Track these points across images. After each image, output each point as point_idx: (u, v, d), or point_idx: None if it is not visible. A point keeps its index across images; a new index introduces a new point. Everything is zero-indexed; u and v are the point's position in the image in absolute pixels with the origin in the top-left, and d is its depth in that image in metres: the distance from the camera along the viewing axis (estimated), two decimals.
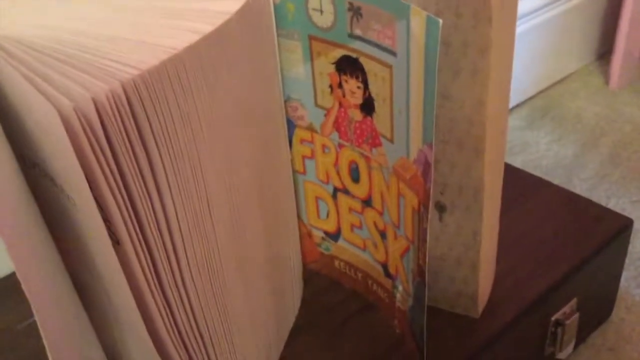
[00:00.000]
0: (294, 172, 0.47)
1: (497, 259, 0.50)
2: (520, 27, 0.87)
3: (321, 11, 0.38)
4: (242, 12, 0.33)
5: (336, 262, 0.50)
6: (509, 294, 0.48)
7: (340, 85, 0.40)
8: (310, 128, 0.44)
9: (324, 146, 0.44)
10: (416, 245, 0.39)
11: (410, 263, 0.40)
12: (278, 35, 0.41)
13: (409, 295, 0.42)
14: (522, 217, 0.55)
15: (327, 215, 0.48)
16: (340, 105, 0.41)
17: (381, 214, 0.43)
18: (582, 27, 0.97)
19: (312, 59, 0.41)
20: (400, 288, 0.43)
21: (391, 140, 0.39)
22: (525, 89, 0.94)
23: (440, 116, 0.38)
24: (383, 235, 0.44)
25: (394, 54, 0.35)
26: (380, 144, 0.40)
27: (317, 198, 0.47)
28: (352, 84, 0.40)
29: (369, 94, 0.39)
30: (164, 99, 0.29)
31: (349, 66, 0.39)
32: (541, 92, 0.96)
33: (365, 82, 0.39)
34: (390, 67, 0.36)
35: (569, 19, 0.93)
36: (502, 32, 0.35)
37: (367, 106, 0.40)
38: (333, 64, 0.40)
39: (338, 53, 0.39)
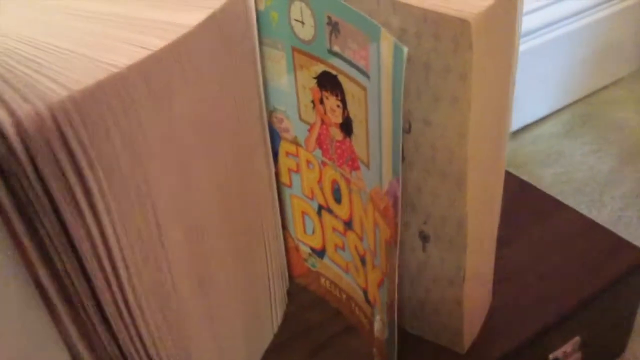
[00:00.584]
0: (281, 184, 0.45)
1: (495, 291, 0.47)
2: (562, 30, 0.82)
3: (302, 23, 0.36)
4: (205, 24, 0.31)
5: (322, 279, 0.48)
6: (502, 330, 0.45)
7: (321, 101, 0.38)
8: (295, 142, 0.42)
9: (308, 162, 0.42)
10: (388, 279, 0.36)
11: (385, 295, 0.38)
12: (262, 44, 0.39)
13: (385, 325, 0.40)
14: (530, 245, 0.51)
15: (313, 232, 0.46)
16: (323, 122, 0.39)
17: (361, 239, 0.40)
18: (633, 31, 0.90)
19: (295, 71, 0.39)
20: (377, 317, 0.41)
21: (367, 166, 0.36)
22: (566, 94, 0.89)
23: (422, 143, 0.35)
24: (363, 260, 0.41)
25: (367, 76, 0.32)
26: (358, 168, 0.37)
27: (303, 213, 0.45)
28: (332, 102, 0.37)
29: (348, 114, 0.36)
30: (100, 121, 0.27)
31: (329, 82, 0.36)
32: (583, 98, 0.91)
33: (344, 101, 0.36)
34: (364, 89, 0.33)
35: (618, 22, 0.87)
36: (489, 57, 0.32)
37: (347, 126, 0.37)
38: (314, 78, 0.37)
39: (319, 68, 0.37)
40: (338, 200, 0.41)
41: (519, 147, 0.84)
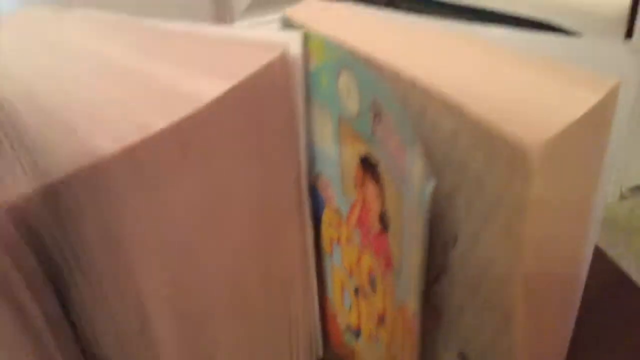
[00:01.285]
0: (323, 251, 0.40)
1: None
2: None
3: (348, 93, 0.31)
4: (225, 98, 0.27)
5: (357, 359, 0.43)
6: None
7: (363, 183, 0.33)
8: (338, 213, 0.37)
9: (348, 238, 0.37)
10: None
11: None
12: (312, 104, 0.34)
13: None
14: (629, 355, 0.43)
15: (350, 308, 0.41)
16: (364, 204, 0.33)
17: (389, 343, 0.35)
18: None
19: (340, 142, 0.33)
20: None
21: (398, 275, 0.30)
22: None
23: (469, 260, 0.29)
24: None
25: (404, 181, 0.27)
26: (391, 270, 0.32)
27: (342, 285, 0.40)
28: (371, 189, 0.32)
29: (386, 210, 0.31)
30: (77, 212, 0.24)
31: (370, 168, 0.31)
32: None
33: (382, 195, 0.31)
34: (401, 195, 0.28)
35: None
36: (560, 184, 0.25)
37: (384, 220, 0.31)
38: (358, 157, 0.32)
39: (362, 149, 0.31)
40: (374, 289, 0.36)
41: (637, 206, 0.73)
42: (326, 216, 0.38)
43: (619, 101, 0.27)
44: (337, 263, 0.39)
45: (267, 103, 0.30)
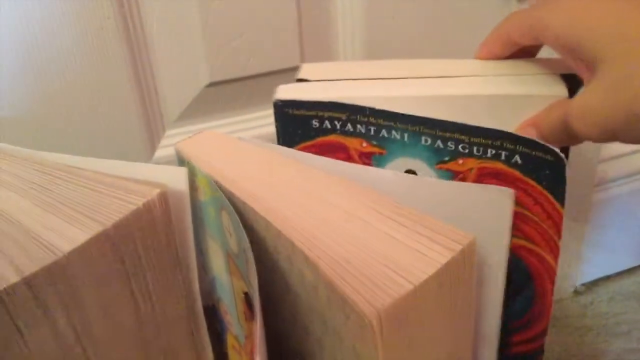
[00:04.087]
0: None
1: None
2: None
3: (230, 233, 0.31)
4: (99, 239, 0.27)
5: None
6: None
7: (252, 318, 0.32)
8: (237, 340, 0.36)
9: None
10: None
11: None
12: (208, 233, 0.34)
13: None
14: None
15: None
16: (253, 338, 0.33)
17: None
18: None
19: (230, 275, 0.33)
20: None
21: None
22: None
23: None
24: None
25: None
26: None
27: None
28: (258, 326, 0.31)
29: None
30: None
31: (251, 306, 0.31)
32: None
33: None
34: None
35: None
36: (414, 346, 0.25)
37: None
38: (242, 292, 0.32)
39: (244, 285, 0.31)
40: None
41: (591, 304, 0.72)
42: (229, 340, 0.38)
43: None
44: None
45: (146, 241, 0.30)
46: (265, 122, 0.52)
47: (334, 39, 0.51)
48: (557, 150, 0.30)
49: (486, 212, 0.29)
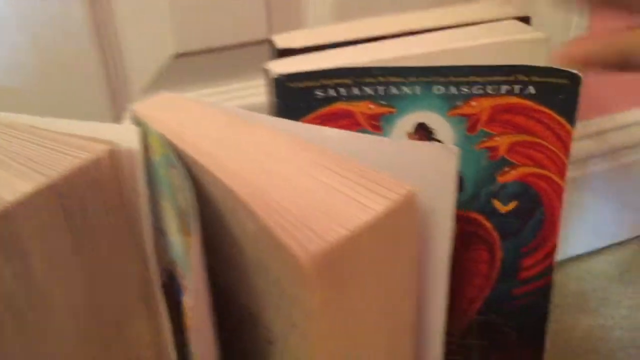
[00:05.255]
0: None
1: None
2: (630, 158, 0.71)
3: (178, 190, 0.31)
4: (45, 192, 0.27)
5: None
6: None
7: None
8: None
9: None
10: None
11: None
12: (161, 195, 0.34)
13: None
14: None
15: None
16: None
17: None
18: None
19: (183, 235, 0.34)
20: None
21: None
22: (632, 226, 0.77)
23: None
24: None
25: None
26: None
27: None
28: None
29: None
30: None
31: None
32: None
33: None
34: None
35: None
36: (351, 296, 0.25)
37: None
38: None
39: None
40: None
41: (559, 282, 0.73)
42: (185, 304, 0.38)
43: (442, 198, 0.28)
44: None
45: (96, 199, 0.30)
46: (234, 95, 0.52)
47: (303, 5, 0.51)
48: (574, 71, 0.32)
49: (431, 170, 0.30)
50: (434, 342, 0.33)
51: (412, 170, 0.29)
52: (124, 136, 0.31)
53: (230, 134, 0.32)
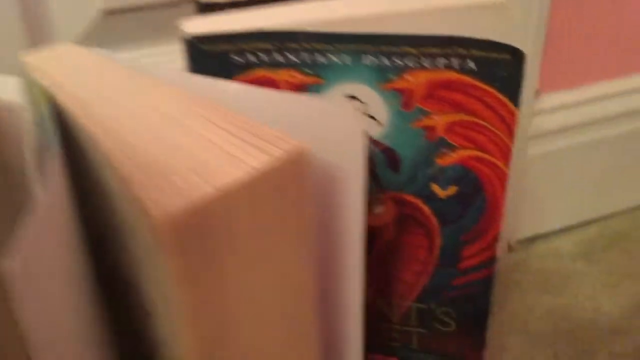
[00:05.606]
0: None
1: None
2: (605, 132, 0.68)
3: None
4: None
5: None
6: None
7: None
8: None
9: None
10: None
11: None
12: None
13: None
14: None
15: None
16: None
17: None
18: None
19: None
20: None
21: None
22: (598, 205, 0.75)
23: (162, 333, 0.26)
24: None
25: None
26: None
27: None
28: None
29: None
30: None
31: None
32: (621, 213, 0.76)
33: None
34: None
35: None
36: (217, 263, 0.22)
37: None
38: None
39: None
40: None
41: (522, 260, 0.71)
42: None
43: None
44: None
45: None
46: (168, 58, 0.48)
47: None
48: (516, 46, 0.29)
49: (336, 129, 0.26)
50: (353, 317, 0.30)
51: (315, 128, 0.26)
52: (4, 87, 0.28)
53: (121, 87, 0.28)
